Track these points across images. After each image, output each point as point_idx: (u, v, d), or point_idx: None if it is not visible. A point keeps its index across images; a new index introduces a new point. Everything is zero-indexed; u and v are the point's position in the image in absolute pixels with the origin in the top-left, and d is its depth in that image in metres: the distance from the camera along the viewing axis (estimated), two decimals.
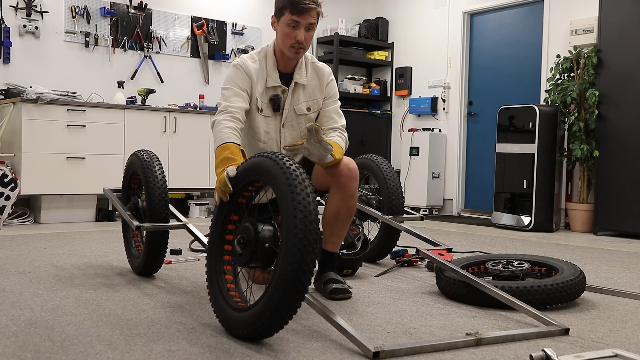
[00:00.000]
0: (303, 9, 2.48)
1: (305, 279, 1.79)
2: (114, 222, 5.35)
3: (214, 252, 2.16)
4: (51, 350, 1.80)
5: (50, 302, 2.39)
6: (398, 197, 3.29)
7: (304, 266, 1.78)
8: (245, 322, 1.89)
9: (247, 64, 2.58)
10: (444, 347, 1.89)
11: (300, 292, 1.80)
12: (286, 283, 1.78)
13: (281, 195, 1.87)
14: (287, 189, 1.85)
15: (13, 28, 5.47)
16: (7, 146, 5.20)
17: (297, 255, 1.77)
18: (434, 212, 6.91)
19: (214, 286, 2.10)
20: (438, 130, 6.96)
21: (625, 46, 5.07)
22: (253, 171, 2.03)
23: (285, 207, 1.84)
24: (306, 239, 1.79)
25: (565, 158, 5.60)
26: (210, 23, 6.61)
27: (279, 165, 1.91)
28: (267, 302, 1.82)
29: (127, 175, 3.08)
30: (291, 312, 1.83)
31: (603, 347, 1.94)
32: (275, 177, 1.91)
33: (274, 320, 1.82)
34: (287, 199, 1.84)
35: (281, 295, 1.78)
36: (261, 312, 1.83)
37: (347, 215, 2.58)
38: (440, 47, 7.05)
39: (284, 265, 1.79)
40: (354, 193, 2.55)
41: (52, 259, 3.39)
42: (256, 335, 1.88)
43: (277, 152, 2.02)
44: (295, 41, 2.52)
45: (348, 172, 2.52)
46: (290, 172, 1.88)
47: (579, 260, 3.72)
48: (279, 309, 1.80)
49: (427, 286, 2.85)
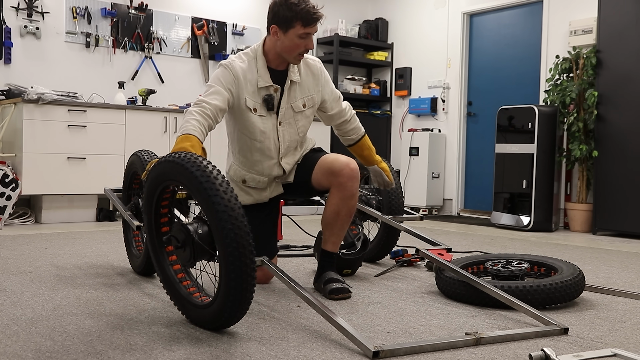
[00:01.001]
0: (314, 20, 2.52)
1: (249, 252, 1.87)
2: (115, 222, 5.36)
3: (160, 264, 2.22)
4: (52, 350, 1.81)
5: (51, 302, 2.40)
6: (398, 197, 3.30)
7: (241, 241, 1.86)
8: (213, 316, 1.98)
9: (234, 64, 2.58)
10: (444, 346, 1.89)
11: (249, 266, 1.88)
12: (234, 264, 1.86)
13: (201, 199, 1.93)
14: (200, 186, 1.91)
15: (14, 29, 5.48)
16: (8, 146, 5.21)
17: (231, 235, 1.85)
18: (433, 212, 6.91)
19: (173, 293, 2.17)
20: (438, 130, 6.97)
21: (625, 47, 5.07)
22: (162, 176, 2.11)
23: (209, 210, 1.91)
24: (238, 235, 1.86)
25: (565, 158, 5.61)
26: (210, 24, 6.62)
27: (181, 163, 1.97)
28: (225, 289, 1.90)
29: (127, 175, 3.09)
30: (249, 295, 1.92)
31: (602, 347, 1.95)
32: (183, 177, 1.98)
33: (237, 305, 1.92)
34: (208, 202, 1.90)
35: (234, 283, 1.87)
36: (223, 303, 1.92)
37: (347, 215, 2.58)
38: (439, 48, 7.06)
39: (224, 251, 1.87)
40: (354, 193, 2.56)
41: (53, 258, 3.40)
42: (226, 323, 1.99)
43: (184, 152, 2.04)
44: (305, 49, 2.56)
45: (349, 172, 2.53)
46: (197, 167, 1.94)
47: (578, 260, 3.73)
48: (237, 294, 1.89)
49: (427, 286, 2.86)
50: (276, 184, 2.73)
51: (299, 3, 2.50)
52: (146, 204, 2.23)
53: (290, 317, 2.24)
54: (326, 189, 2.64)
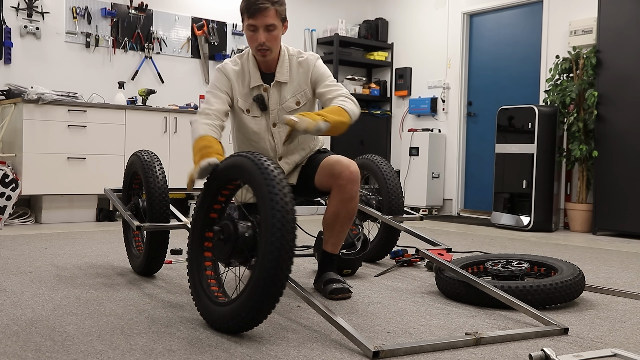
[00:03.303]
0: (256, 11, 2.46)
1: (284, 276, 1.87)
2: (115, 222, 5.36)
3: (195, 249, 2.22)
4: (52, 350, 1.81)
5: (51, 302, 2.40)
6: (398, 197, 3.30)
7: (282, 264, 1.85)
8: (226, 316, 1.95)
9: (226, 67, 2.63)
10: (444, 346, 1.90)
11: (279, 288, 1.87)
12: (265, 280, 1.84)
13: (259, 194, 1.93)
14: (265, 189, 1.90)
15: (14, 29, 5.48)
16: (8, 146, 5.21)
17: (275, 253, 1.84)
18: (433, 212, 6.91)
19: (195, 282, 2.16)
20: (438, 130, 6.97)
21: (624, 47, 5.07)
22: (231, 170, 2.10)
23: (263, 205, 1.90)
24: (284, 237, 1.85)
25: (565, 158, 5.61)
26: (210, 24, 6.62)
27: (257, 165, 1.97)
28: (247, 298, 1.88)
29: (127, 175, 3.09)
30: (269, 307, 1.89)
31: (602, 347, 1.95)
32: (253, 177, 1.97)
33: (256, 312, 1.89)
34: (265, 198, 1.89)
35: (261, 292, 1.85)
36: (241, 307, 1.90)
37: (347, 217, 2.56)
38: (439, 48, 7.06)
39: (263, 263, 1.85)
40: (354, 196, 2.53)
41: (53, 258, 3.40)
42: (237, 328, 1.95)
43: (256, 152, 2.06)
44: (258, 44, 2.50)
45: (349, 175, 2.50)
46: (268, 172, 1.93)
47: (578, 260, 3.73)
48: (258, 305, 1.87)
49: (427, 286, 2.86)
50: None
51: None
52: (206, 190, 2.21)
53: (290, 317, 2.24)
54: (328, 190, 2.63)
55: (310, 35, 7.34)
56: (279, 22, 2.53)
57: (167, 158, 5.61)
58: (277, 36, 2.54)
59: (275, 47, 2.55)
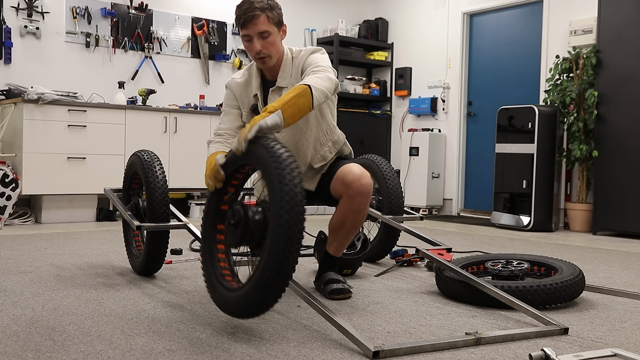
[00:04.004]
0: (247, 20, 2.43)
1: (295, 250, 1.84)
2: (115, 222, 5.36)
3: (207, 236, 2.20)
4: (52, 350, 1.81)
5: (51, 302, 2.40)
6: (398, 197, 3.30)
7: (292, 237, 1.82)
8: (241, 299, 1.93)
9: (231, 83, 2.66)
10: (444, 346, 1.89)
11: (288, 270, 1.84)
12: (274, 263, 1.82)
13: (268, 177, 1.90)
14: (275, 172, 1.88)
15: (14, 29, 5.48)
16: (8, 146, 5.21)
17: (285, 226, 1.81)
18: (433, 212, 6.91)
19: (208, 269, 2.15)
20: (438, 130, 6.97)
21: (625, 47, 5.07)
22: (241, 156, 2.07)
23: (272, 188, 1.87)
24: (292, 220, 1.82)
25: (565, 158, 5.61)
26: (210, 24, 6.62)
27: (267, 149, 1.94)
28: (256, 281, 1.87)
29: (127, 175, 3.09)
30: (279, 291, 1.87)
31: (602, 347, 1.95)
32: (263, 160, 1.94)
33: (264, 298, 1.87)
34: (274, 182, 1.87)
35: (270, 275, 1.83)
36: (252, 291, 1.88)
37: (353, 226, 2.52)
38: (439, 48, 7.06)
39: (272, 246, 1.83)
40: (362, 208, 2.47)
41: (53, 258, 3.40)
42: (248, 313, 1.94)
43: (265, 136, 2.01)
44: (255, 53, 2.48)
45: (358, 187, 2.43)
46: (277, 155, 1.91)
47: (578, 260, 3.73)
48: (267, 287, 1.85)
49: (427, 286, 2.86)
50: None
51: (242, 4, 2.45)
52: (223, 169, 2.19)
53: (290, 317, 2.24)
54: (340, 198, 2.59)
55: (310, 35, 7.34)
56: (273, 28, 2.47)
57: (167, 158, 5.61)
58: (273, 42, 2.48)
59: (274, 53, 2.51)
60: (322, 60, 2.49)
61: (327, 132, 2.67)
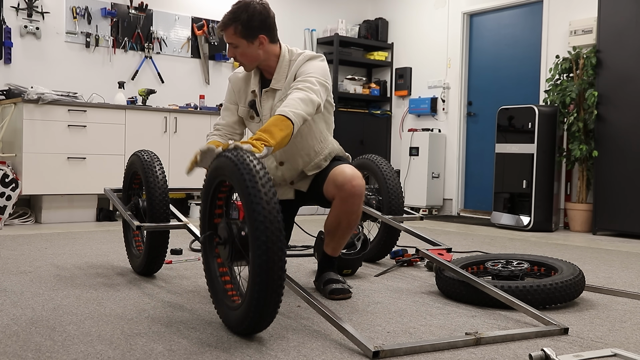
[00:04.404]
0: (220, 27, 2.50)
1: (278, 268, 1.82)
2: (115, 222, 5.36)
3: (207, 257, 2.20)
4: (52, 350, 1.81)
5: (51, 302, 2.40)
6: (398, 197, 3.30)
7: (272, 256, 1.81)
8: (239, 319, 1.94)
9: (233, 77, 2.71)
10: (444, 346, 1.90)
11: (276, 281, 1.82)
12: (261, 277, 1.81)
13: (240, 190, 1.89)
14: (245, 184, 1.86)
15: (14, 29, 5.48)
16: (8, 146, 5.21)
17: (263, 247, 1.80)
18: (433, 212, 6.91)
19: (214, 287, 2.15)
20: (438, 130, 6.97)
21: (624, 47, 5.07)
22: (217, 171, 2.07)
23: (245, 201, 1.86)
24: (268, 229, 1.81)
25: (565, 158, 5.61)
26: (210, 23, 6.62)
27: (235, 162, 1.92)
28: (249, 299, 1.87)
29: (127, 175, 3.09)
30: (273, 304, 1.86)
31: (602, 347, 1.95)
32: (233, 175, 1.93)
33: (259, 314, 1.87)
34: (246, 194, 1.85)
35: (259, 289, 1.82)
36: (247, 309, 1.89)
37: (348, 227, 2.53)
38: (439, 48, 7.06)
39: (254, 261, 1.83)
40: (355, 209, 2.47)
41: (53, 258, 3.40)
42: (250, 330, 1.94)
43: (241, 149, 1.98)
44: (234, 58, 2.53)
45: (350, 189, 2.42)
46: (249, 169, 1.88)
47: (578, 260, 3.73)
48: (260, 303, 1.84)
49: (427, 286, 2.86)
50: (287, 188, 2.70)
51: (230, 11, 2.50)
52: (204, 193, 2.19)
53: (290, 317, 2.24)
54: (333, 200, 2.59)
55: (310, 35, 7.34)
56: (240, 40, 2.46)
57: (167, 158, 5.61)
58: (242, 53, 2.49)
59: (248, 63, 2.52)
60: (316, 71, 2.47)
61: (322, 141, 2.65)
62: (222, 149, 2.05)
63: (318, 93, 2.39)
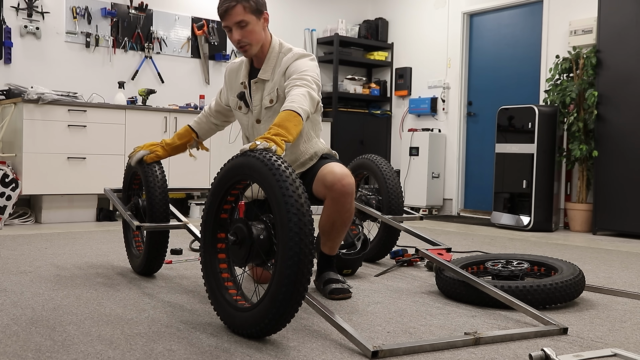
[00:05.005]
0: (224, 12, 2.48)
1: (305, 279, 1.83)
2: (115, 222, 5.36)
3: (207, 251, 2.17)
4: (52, 350, 1.81)
5: (51, 302, 2.40)
6: (397, 197, 3.30)
7: (302, 267, 1.81)
8: (250, 321, 1.91)
9: (228, 66, 2.81)
10: (443, 346, 1.90)
11: (301, 292, 1.83)
12: (287, 284, 1.80)
13: (272, 196, 1.87)
14: (279, 190, 1.84)
15: (14, 28, 5.48)
16: (8, 146, 5.21)
17: (295, 258, 1.79)
18: (433, 212, 6.91)
19: (212, 286, 2.13)
20: (438, 130, 6.97)
21: (625, 47, 5.07)
22: (240, 170, 2.03)
23: (278, 208, 1.84)
24: (302, 241, 1.80)
25: (565, 158, 5.61)
26: (210, 23, 6.62)
27: (267, 164, 1.90)
28: (269, 303, 1.84)
29: (127, 175, 3.09)
30: (293, 310, 1.86)
31: (602, 347, 1.95)
32: (264, 177, 1.90)
33: (279, 317, 1.85)
34: (280, 201, 1.84)
35: (283, 298, 1.81)
36: (264, 313, 1.86)
37: (342, 226, 2.52)
38: (439, 48, 7.06)
39: (283, 266, 1.81)
40: (348, 208, 2.46)
41: (53, 258, 3.40)
42: (262, 333, 1.91)
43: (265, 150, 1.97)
44: (235, 42, 2.53)
45: (340, 188, 2.41)
46: (280, 173, 1.87)
47: (578, 260, 3.73)
48: (283, 307, 1.83)
49: (427, 286, 2.86)
50: None
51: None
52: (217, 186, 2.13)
53: None
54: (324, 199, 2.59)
55: (310, 35, 7.34)
56: (250, 16, 2.48)
57: (167, 158, 5.59)
58: (252, 31, 2.50)
59: (255, 41, 2.53)
60: (309, 69, 2.48)
61: (307, 140, 2.65)
62: (250, 148, 2.00)
63: (316, 91, 2.44)
